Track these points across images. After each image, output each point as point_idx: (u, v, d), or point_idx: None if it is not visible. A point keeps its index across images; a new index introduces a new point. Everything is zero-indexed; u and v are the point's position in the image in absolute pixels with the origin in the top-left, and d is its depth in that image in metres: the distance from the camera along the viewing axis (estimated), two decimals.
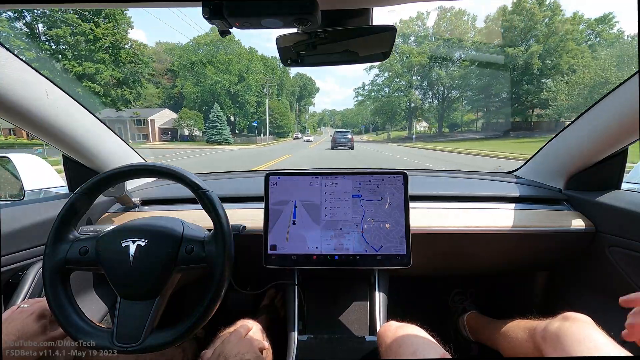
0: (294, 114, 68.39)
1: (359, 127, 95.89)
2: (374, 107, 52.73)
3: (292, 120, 57.35)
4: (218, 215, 0.63)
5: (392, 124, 55.01)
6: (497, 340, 0.88)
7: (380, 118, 57.40)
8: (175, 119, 35.15)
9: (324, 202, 0.90)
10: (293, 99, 69.44)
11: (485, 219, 0.96)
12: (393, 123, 54.22)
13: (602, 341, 0.56)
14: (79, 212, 0.66)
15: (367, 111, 71.89)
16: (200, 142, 33.23)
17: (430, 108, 45.72)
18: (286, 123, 50.89)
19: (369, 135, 75.17)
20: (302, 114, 78.20)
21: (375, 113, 54.91)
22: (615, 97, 0.82)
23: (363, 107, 76.31)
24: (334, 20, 0.57)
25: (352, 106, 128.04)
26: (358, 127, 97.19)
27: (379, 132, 69.72)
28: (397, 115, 48.80)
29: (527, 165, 1.25)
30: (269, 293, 1.31)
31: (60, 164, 1.05)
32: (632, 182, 1.14)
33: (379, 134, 66.48)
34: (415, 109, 46.28)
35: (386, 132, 60.62)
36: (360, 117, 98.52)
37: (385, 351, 0.70)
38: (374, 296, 0.93)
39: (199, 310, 0.61)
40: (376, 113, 54.59)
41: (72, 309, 0.60)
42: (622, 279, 0.86)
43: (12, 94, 0.71)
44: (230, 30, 0.48)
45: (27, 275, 0.80)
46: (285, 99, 57.99)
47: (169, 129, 35.80)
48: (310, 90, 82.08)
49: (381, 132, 68.30)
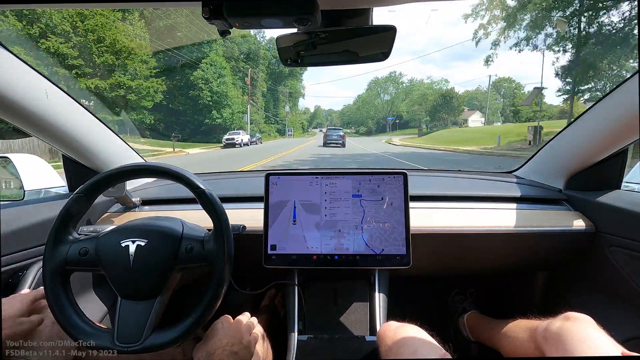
0: (254, 97, 35.47)
1: (376, 122, 68.46)
2: (419, 92, 44.23)
3: (241, 108, 29.26)
4: (218, 215, 0.63)
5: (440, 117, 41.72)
6: (497, 340, 0.88)
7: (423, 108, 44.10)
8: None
9: (323, 202, 0.90)
10: (254, 68, 36.15)
11: (485, 219, 0.96)
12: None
13: (603, 341, 0.56)
14: (78, 213, 0.66)
15: (399, 99, 59.40)
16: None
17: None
18: (230, 113, 26.56)
19: (410, 137, 35.66)
20: (279, 103, 44.99)
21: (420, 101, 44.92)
22: (615, 97, 0.82)
23: (375, 94, 63.06)
24: (334, 20, 0.57)
25: (351, 102, 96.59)
26: (367, 124, 70.91)
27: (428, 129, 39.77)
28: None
29: (527, 165, 1.25)
30: (269, 293, 1.31)
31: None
32: (632, 182, 1.13)
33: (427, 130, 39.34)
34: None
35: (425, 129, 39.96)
36: (372, 107, 68.97)
37: (385, 351, 0.70)
38: (373, 296, 0.93)
39: (199, 310, 0.61)
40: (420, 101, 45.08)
41: (72, 309, 0.60)
42: (623, 279, 0.86)
43: (12, 94, 0.71)
44: (230, 30, 0.48)
45: (27, 275, 0.80)
46: (226, 63, 27.61)
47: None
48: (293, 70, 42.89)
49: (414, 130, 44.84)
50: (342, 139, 19.61)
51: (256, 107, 36.71)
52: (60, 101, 0.84)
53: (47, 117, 0.81)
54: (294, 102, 54.35)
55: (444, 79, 57.01)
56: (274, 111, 44.88)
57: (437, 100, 44.28)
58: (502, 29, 19.41)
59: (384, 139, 37.49)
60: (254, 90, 36.40)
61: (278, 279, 0.97)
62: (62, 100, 0.85)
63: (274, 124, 44.55)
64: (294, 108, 53.88)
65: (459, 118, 46.60)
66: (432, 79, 64.55)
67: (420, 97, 52.11)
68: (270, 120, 43.38)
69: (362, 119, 74.27)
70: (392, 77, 66.31)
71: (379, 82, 64.16)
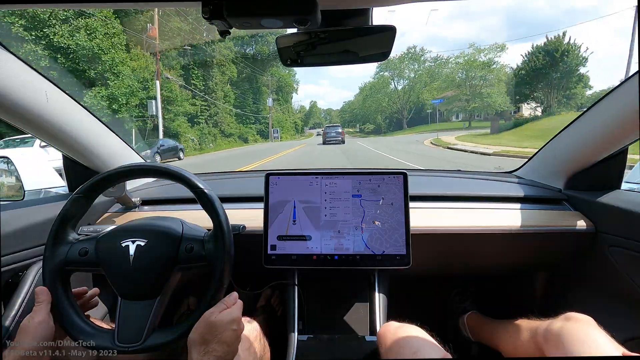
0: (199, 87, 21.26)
1: (387, 116, 46.45)
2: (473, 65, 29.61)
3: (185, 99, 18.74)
4: (218, 214, 0.63)
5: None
6: (498, 341, 0.88)
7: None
8: None
9: (323, 202, 0.90)
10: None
11: (485, 219, 0.96)
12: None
13: (604, 341, 0.56)
14: (78, 214, 0.66)
15: (421, 84, 39.25)
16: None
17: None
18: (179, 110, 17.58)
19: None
20: (261, 97, 33.12)
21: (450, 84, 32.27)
22: (615, 97, 0.82)
23: (385, 82, 42.74)
24: (333, 20, 0.57)
25: (352, 98, 73.64)
26: (375, 120, 48.75)
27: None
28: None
29: (527, 165, 1.25)
30: (265, 293, 1.31)
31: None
32: (632, 181, 1.13)
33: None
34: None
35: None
36: (384, 97, 44.82)
37: (385, 352, 0.70)
38: (373, 296, 0.93)
39: (199, 309, 0.61)
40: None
41: (72, 310, 0.60)
42: (622, 279, 0.86)
43: (12, 94, 0.71)
44: (230, 30, 0.48)
45: (27, 275, 0.80)
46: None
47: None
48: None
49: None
50: (340, 135, 20.33)
51: (213, 98, 22.61)
52: (60, 101, 0.84)
53: (47, 118, 0.81)
54: (284, 97, 40.57)
55: (496, 45, 33.18)
56: (253, 107, 31.77)
57: (526, 71, 23.99)
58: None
59: (419, 138, 22.49)
60: (209, 71, 22.26)
61: (278, 278, 0.97)
62: (62, 100, 0.85)
63: (254, 123, 31.42)
64: (284, 104, 40.43)
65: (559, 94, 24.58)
66: (479, 46, 40.30)
67: (479, 72, 31.68)
68: (248, 119, 30.39)
69: (369, 114, 50.82)
70: (412, 55, 41.82)
71: (393, 63, 41.14)
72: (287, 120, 41.46)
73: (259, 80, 33.55)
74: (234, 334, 0.57)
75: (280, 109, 39.32)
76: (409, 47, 50.63)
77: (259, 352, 0.75)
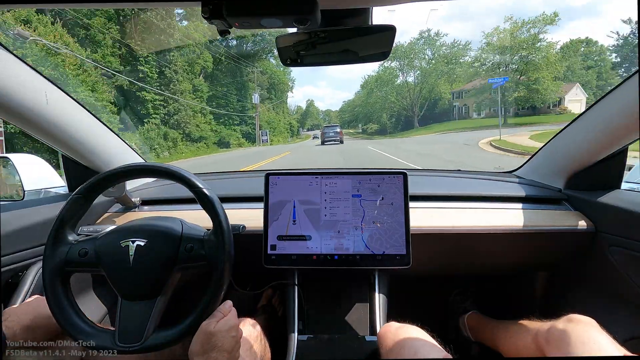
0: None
1: (395, 114, 38.36)
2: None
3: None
4: (217, 214, 0.63)
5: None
6: (499, 341, 0.88)
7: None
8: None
9: (323, 202, 0.90)
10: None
11: (485, 218, 0.96)
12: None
13: (606, 343, 0.56)
14: (78, 214, 0.66)
15: (436, 74, 32.36)
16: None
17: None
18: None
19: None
20: (247, 93, 27.07)
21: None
22: (615, 97, 0.82)
23: (392, 74, 34.56)
24: (333, 20, 0.57)
25: (352, 96, 66.19)
26: (380, 119, 39.93)
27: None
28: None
29: (527, 164, 1.25)
30: (266, 293, 1.31)
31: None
32: (632, 181, 1.13)
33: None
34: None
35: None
36: (392, 91, 36.40)
37: (386, 352, 0.70)
38: (374, 296, 0.93)
39: (199, 309, 0.61)
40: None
41: (73, 310, 0.61)
42: (623, 279, 0.86)
43: (12, 94, 0.71)
44: (230, 30, 0.48)
45: (27, 275, 0.80)
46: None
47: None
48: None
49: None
50: (339, 135, 20.48)
51: (171, 92, 17.99)
52: (60, 101, 0.84)
53: (47, 118, 0.81)
54: (277, 96, 35.32)
55: (544, 15, 24.33)
56: (237, 106, 26.69)
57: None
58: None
59: (452, 138, 17.29)
60: (166, 56, 17.83)
61: (278, 278, 0.97)
62: (62, 100, 0.85)
63: (239, 125, 26.43)
64: (276, 103, 35.10)
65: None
66: (517, 19, 26.88)
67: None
68: (231, 120, 25.76)
69: (372, 113, 41.66)
70: (425, 40, 34.30)
71: (402, 51, 33.93)
72: (280, 121, 36.27)
73: (246, 74, 27.85)
74: (234, 341, 0.58)
75: (273, 107, 34.53)
76: (421, 31, 42.17)
77: (259, 353, 0.75)
